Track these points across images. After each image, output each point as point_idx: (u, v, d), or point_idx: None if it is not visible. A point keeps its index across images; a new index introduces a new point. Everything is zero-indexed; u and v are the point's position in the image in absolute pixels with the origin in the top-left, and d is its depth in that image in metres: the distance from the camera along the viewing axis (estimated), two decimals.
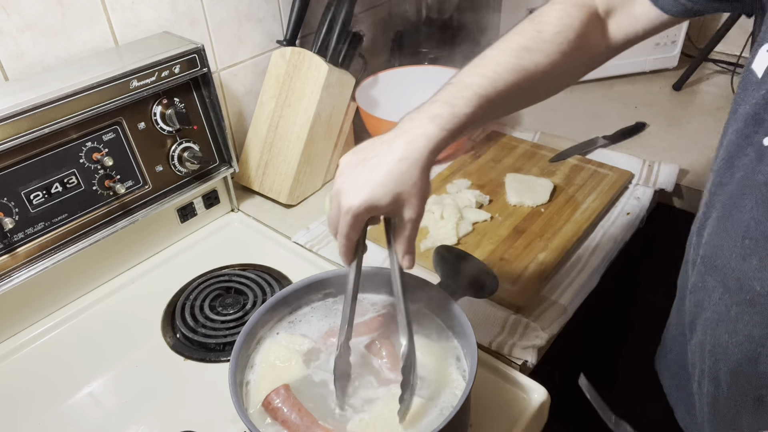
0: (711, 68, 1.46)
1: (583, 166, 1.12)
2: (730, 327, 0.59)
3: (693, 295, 0.66)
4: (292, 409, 0.59)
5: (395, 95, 1.23)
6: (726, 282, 0.58)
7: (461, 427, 0.62)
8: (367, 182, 0.55)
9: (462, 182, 1.10)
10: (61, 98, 0.78)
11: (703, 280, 0.63)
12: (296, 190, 1.10)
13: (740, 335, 0.58)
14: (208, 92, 0.96)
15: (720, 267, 0.59)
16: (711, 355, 0.62)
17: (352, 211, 0.56)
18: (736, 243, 0.56)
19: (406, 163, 0.55)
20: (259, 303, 0.88)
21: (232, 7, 1.08)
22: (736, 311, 0.58)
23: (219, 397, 0.72)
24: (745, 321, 0.57)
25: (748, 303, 0.56)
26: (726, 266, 0.58)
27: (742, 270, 0.56)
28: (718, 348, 0.61)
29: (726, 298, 0.59)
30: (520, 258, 0.92)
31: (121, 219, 0.91)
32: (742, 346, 0.58)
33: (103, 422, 0.74)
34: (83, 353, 0.84)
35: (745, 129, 0.54)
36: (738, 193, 0.56)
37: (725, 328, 0.60)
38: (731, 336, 0.59)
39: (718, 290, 0.60)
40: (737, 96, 0.57)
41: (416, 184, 0.56)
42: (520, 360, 0.78)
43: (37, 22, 0.85)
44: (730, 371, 0.61)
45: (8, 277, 0.81)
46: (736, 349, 0.59)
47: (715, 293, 0.60)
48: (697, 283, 0.64)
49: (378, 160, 0.56)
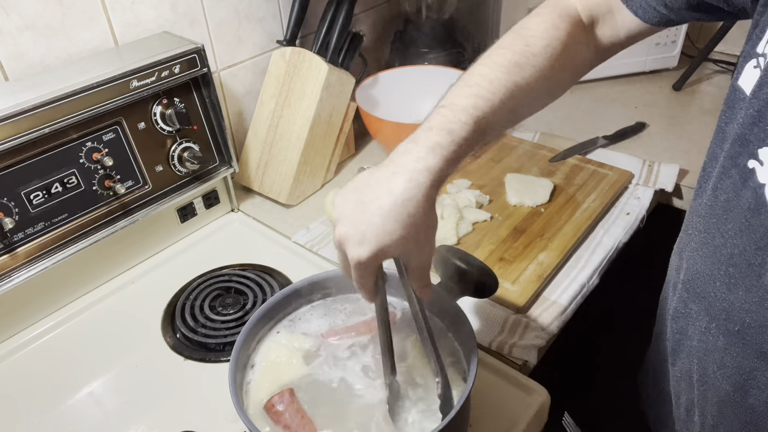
0: (711, 68, 1.46)
1: (583, 166, 1.12)
2: (718, 358, 0.56)
3: (675, 321, 0.63)
4: (295, 415, 0.59)
5: (395, 95, 1.23)
6: (711, 311, 0.56)
7: (461, 427, 0.62)
8: (372, 230, 0.51)
9: (462, 182, 1.10)
10: (61, 98, 0.78)
11: (686, 307, 0.60)
12: (296, 190, 1.10)
13: (729, 367, 0.55)
14: (208, 92, 0.96)
15: (704, 295, 0.56)
16: (700, 385, 0.60)
17: (363, 263, 0.53)
18: (720, 271, 0.53)
19: (410, 205, 0.51)
20: (259, 303, 0.88)
21: (232, 7, 1.08)
22: (724, 342, 0.55)
23: (219, 397, 0.72)
24: (733, 353, 0.54)
25: (737, 334, 0.53)
26: (711, 295, 0.55)
27: (728, 300, 0.53)
28: (705, 378, 0.59)
29: (713, 328, 0.56)
30: (520, 258, 0.92)
31: (121, 219, 0.91)
32: (731, 378, 0.55)
33: (103, 422, 0.74)
34: (83, 353, 0.84)
35: (731, 149, 0.52)
36: (721, 217, 0.53)
37: (713, 358, 0.57)
38: (719, 367, 0.57)
39: (704, 319, 0.57)
40: (723, 113, 0.55)
41: (424, 223, 0.53)
42: (520, 360, 0.78)
43: (37, 22, 0.85)
44: (718, 403, 0.58)
45: (8, 277, 0.81)
46: (725, 381, 0.56)
47: (700, 322, 0.58)
48: (680, 309, 0.62)
49: (379, 204, 0.52)
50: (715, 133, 0.56)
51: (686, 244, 0.60)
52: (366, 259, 0.52)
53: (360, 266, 0.53)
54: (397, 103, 1.23)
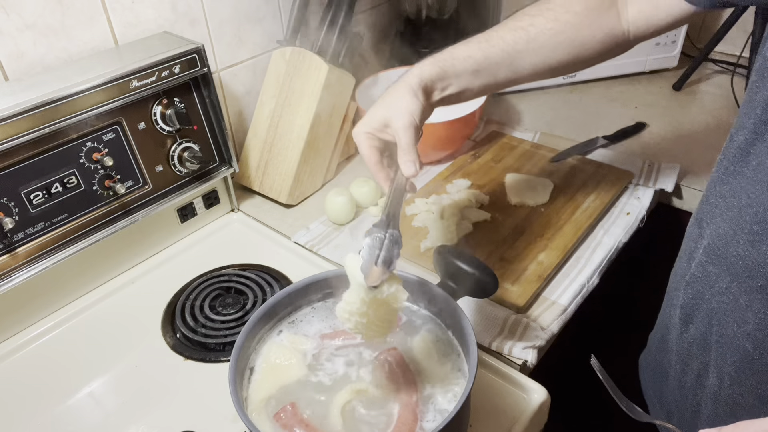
0: (711, 68, 1.46)
1: (583, 166, 1.12)
2: (739, 316, 0.59)
3: (691, 287, 0.65)
4: (299, 425, 0.59)
5: None
6: (733, 270, 0.58)
7: (461, 427, 0.63)
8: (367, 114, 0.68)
9: (462, 182, 1.10)
10: (61, 98, 0.78)
11: (705, 270, 0.62)
12: (296, 190, 1.10)
13: (750, 324, 0.58)
14: (208, 92, 0.96)
15: (726, 256, 0.59)
16: (719, 347, 0.62)
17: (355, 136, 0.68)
18: (744, 230, 0.56)
19: (394, 90, 0.67)
20: (259, 303, 0.88)
21: (232, 7, 1.08)
22: (746, 300, 0.58)
23: (219, 397, 0.72)
24: (755, 309, 0.57)
25: (760, 290, 0.56)
26: (733, 255, 0.58)
27: (751, 257, 0.56)
28: (725, 339, 0.61)
29: (734, 287, 0.58)
30: (520, 258, 0.92)
31: (121, 219, 0.91)
32: (751, 336, 0.58)
33: (103, 422, 0.74)
34: (83, 353, 0.84)
35: (763, 116, 0.54)
36: (751, 179, 0.56)
37: (733, 317, 0.59)
38: (740, 325, 0.59)
39: (724, 279, 0.60)
40: (754, 83, 0.58)
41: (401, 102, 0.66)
42: (520, 360, 0.77)
43: (37, 22, 0.85)
44: (735, 363, 0.60)
45: (8, 277, 0.81)
46: (745, 339, 0.58)
47: (720, 282, 0.60)
48: (697, 274, 0.64)
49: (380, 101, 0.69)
50: (743, 105, 0.59)
51: (707, 212, 0.63)
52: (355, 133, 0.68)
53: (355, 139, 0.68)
54: None
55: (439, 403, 0.61)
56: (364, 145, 0.67)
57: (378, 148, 0.68)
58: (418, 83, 0.68)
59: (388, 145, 0.68)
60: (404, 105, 0.66)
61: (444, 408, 0.60)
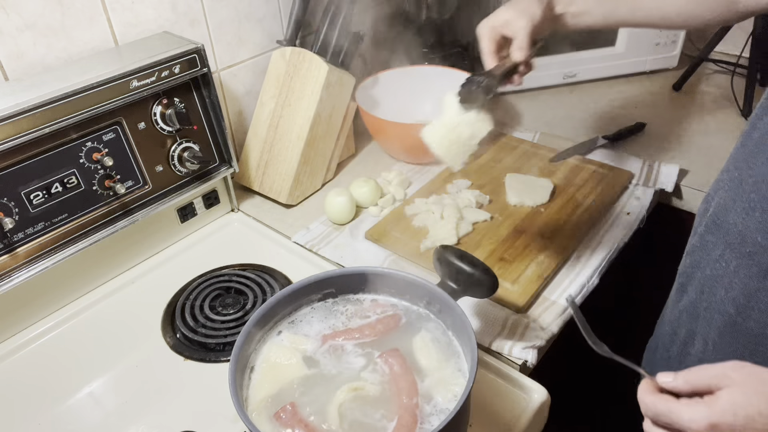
0: (711, 68, 1.46)
1: (583, 166, 1.12)
2: (727, 281, 0.62)
3: (689, 256, 0.69)
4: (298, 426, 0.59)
5: (395, 95, 1.23)
6: (728, 238, 0.62)
7: (461, 427, 0.62)
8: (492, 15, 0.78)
9: (462, 182, 1.10)
10: (61, 98, 0.78)
11: (703, 240, 0.67)
12: (296, 190, 1.10)
13: (736, 290, 0.61)
14: (208, 92, 0.96)
15: (723, 224, 0.63)
16: (706, 313, 0.65)
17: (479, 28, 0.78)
18: (742, 198, 0.60)
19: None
20: (259, 303, 0.88)
21: (232, 7, 1.08)
22: (735, 265, 0.61)
23: (219, 397, 0.72)
24: (741, 275, 0.60)
25: (748, 255, 0.60)
26: (729, 223, 0.62)
27: (744, 224, 0.60)
28: (713, 305, 0.64)
29: (727, 254, 0.63)
30: (520, 258, 0.92)
31: (121, 219, 0.91)
32: (735, 301, 0.61)
33: (103, 422, 0.74)
34: (83, 353, 0.84)
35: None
36: (753, 151, 0.59)
37: (722, 283, 0.63)
38: (727, 291, 0.62)
39: (719, 247, 0.64)
40: None
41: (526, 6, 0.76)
42: (520, 360, 0.77)
43: (37, 22, 0.85)
44: (719, 328, 0.63)
45: (8, 277, 0.81)
46: (730, 305, 0.62)
47: (716, 250, 0.64)
48: (696, 243, 0.68)
49: None
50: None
51: (717, 188, 0.67)
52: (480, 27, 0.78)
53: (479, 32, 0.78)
54: (397, 103, 1.23)
55: (439, 403, 0.61)
56: (486, 36, 0.79)
57: (496, 41, 0.79)
58: None
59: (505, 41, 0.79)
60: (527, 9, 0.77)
61: (444, 408, 0.60)
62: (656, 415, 0.50)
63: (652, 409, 0.50)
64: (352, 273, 0.73)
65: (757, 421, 0.45)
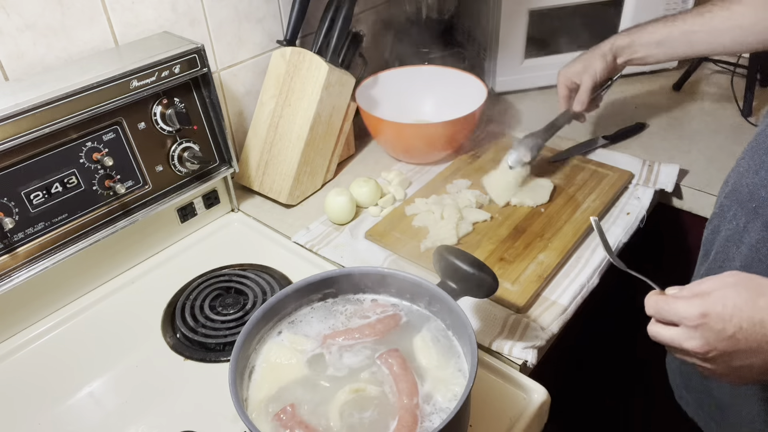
0: (711, 68, 1.46)
1: (583, 166, 1.12)
2: (737, 239, 0.69)
3: (711, 223, 0.77)
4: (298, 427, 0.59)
5: (395, 95, 1.23)
6: (740, 198, 0.69)
7: (461, 427, 0.62)
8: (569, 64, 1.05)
9: (462, 182, 1.10)
10: (61, 98, 0.78)
11: (721, 206, 0.74)
12: (296, 190, 1.10)
13: (744, 245, 0.68)
14: (208, 92, 0.96)
15: (738, 187, 0.70)
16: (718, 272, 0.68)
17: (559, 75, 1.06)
18: (754, 161, 0.67)
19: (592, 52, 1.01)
20: (259, 303, 0.88)
21: (232, 7, 1.08)
22: (744, 221, 0.68)
23: (219, 397, 0.72)
24: (750, 230, 0.67)
25: (754, 211, 0.66)
26: (742, 185, 0.69)
27: (753, 183, 0.67)
28: (725, 265, 0.70)
29: (738, 212, 0.69)
30: (520, 258, 0.92)
31: (121, 219, 0.91)
32: (742, 255, 0.68)
33: (103, 422, 0.74)
34: (83, 353, 0.84)
35: None
36: None
37: (733, 241, 0.70)
38: (737, 247, 0.69)
39: (733, 208, 0.70)
40: None
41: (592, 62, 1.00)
42: (520, 360, 0.77)
43: (37, 22, 0.85)
44: None
45: (8, 277, 0.81)
46: (738, 260, 0.67)
47: (730, 211, 0.71)
48: (715, 211, 0.76)
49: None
50: None
51: (738, 162, 0.74)
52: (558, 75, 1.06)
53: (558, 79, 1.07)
54: (397, 103, 1.23)
55: (439, 403, 0.61)
56: (562, 83, 1.06)
57: (569, 87, 1.05)
58: (609, 49, 0.99)
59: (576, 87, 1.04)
60: (591, 65, 1.00)
61: (444, 408, 0.60)
62: (658, 312, 0.57)
63: (653, 307, 0.57)
64: (352, 273, 0.73)
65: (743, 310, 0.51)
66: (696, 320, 0.52)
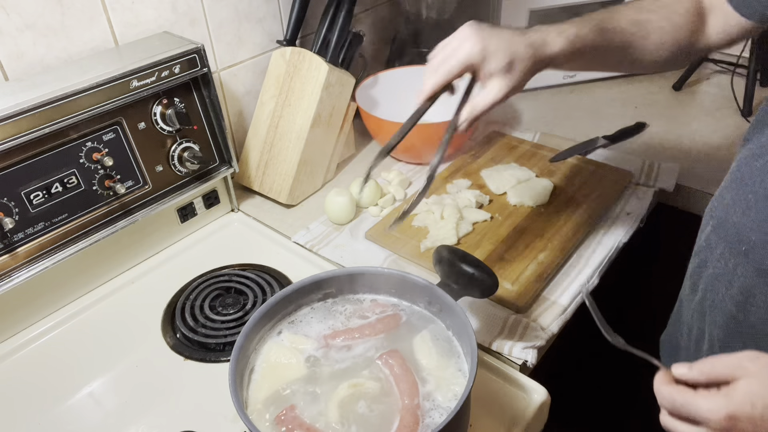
0: (711, 68, 1.46)
1: (583, 166, 1.12)
2: (727, 280, 0.64)
3: (697, 256, 0.72)
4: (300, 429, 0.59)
5: (395, 95, 1.23)
6: (727, 237, 0.64)
7: (461, 427, 0.62)
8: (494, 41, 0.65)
9: (462, 182, 1.10)
10: (61, 98, 0.78)
11: (708, 239, 0.69)
12: (296, 190, 1.10)
13: (734, 287, 0.63)
14: (208, 92, 0.96)
15: (724, 223, 0.65)
16: (711, 311, 0.66)
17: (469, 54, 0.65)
18: (741, 198, 0.62)
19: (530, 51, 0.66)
20: (259, 303, 0.88)
21: (232, 7, 1.08)
22: (733, 263, 0.63)
23: (219, 397, 0.72)
24: (739, 273, 0.62)
25: (744, 254, 0.61)
26: (729, 222, 0.64)
27: (741, 223, 0.62)
28: (716, 303, 0.66)
29: (726, 253, 0.64)
30: (520, 258, 0.92)
31: (121, 219, 0.91)
32: (734, 299, 0.63)
33: (103, 422, 0.74)
34: (83, 353, 0.84)
35: None
36: (756, 154, 0.61)
37: (723, 281, 0.64)
38: (727, 289, 0.64)
39: (720, 246, 0.66)
40: None
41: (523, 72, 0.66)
42: (520, 360, 0.77)
43: (37, 22, 0.85)
44: (722, 327, 0.64)
45: (8, 277, 0.81)
46: (730, 302, 0.63)
47: (717, 249, 0.66)
48: (702, 243, 0.70)
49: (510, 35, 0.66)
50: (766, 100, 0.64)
51: (722, 190, 0.69)
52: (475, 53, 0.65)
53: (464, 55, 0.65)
54: (397, 103, 1.23)
55: (439, 403, 0.61)
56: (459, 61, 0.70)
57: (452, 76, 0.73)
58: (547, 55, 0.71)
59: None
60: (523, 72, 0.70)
61: (444, 408, 0.60)
62: (673, 406, 0.49)
63: (669, 400, 0.50)
64: (352, 273, 0.73)
65: None
66: (722, 423, 0.46)
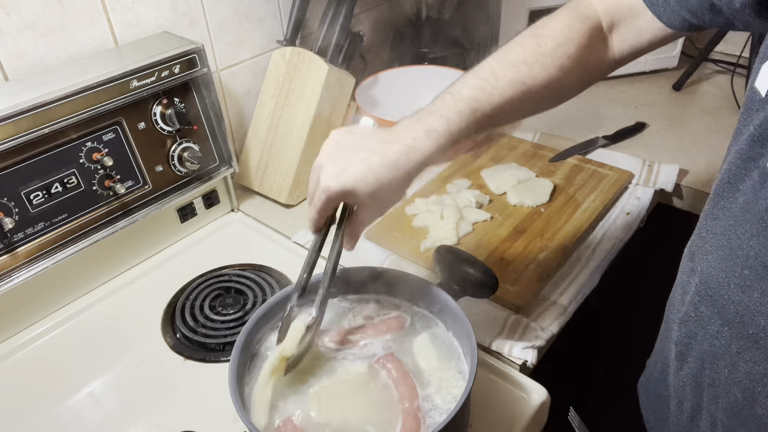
0: (711, 68, 1.46)
1: (583, 166, 1.12)
2: (730, 362, 0.56)
3: (684, 325, 0.63)
4: None
5: (395, 95, 1.23)
6: (725, 315, 0.56)
7: (461, 427, 0.62)
8: (352, 173, 0.58)
9: (462, 182, 1.10)
10: (61, 98, 0.78)
11: (697, 310, 0.60)
12: (296, 190, 1.10)
13: (741, 372, 0.55)
14: (208, 92, 0.96)
15: (716, 298, 0.56)
16: (710, 390, 0.60)
17: (328, 193, 0.59)
18: (734, 273, 0.54)
19: (393, 172, 0.58)
20: (259, 303, 0.88)
21: (232, 7, 1.08)
22: (737, 346, 0.55)
23: (219, 397, 0.72)
24: (746, 358, 0.54)
25: (751, 338, 0.53)
26: (724, 298, 0.55)
27: (743, 303, 0.53)
28: (717, 383, 0.59)
29: (725, 332, 0.56)
30: (520, 258, 0.92)
31: (121, 219, 0.91)
32: (741, 384, 0.56)
33: (103, 422, 0.74)
34: (83, 353, 0.84)
35: (750, 151, 0.51)
36: (739, 218, 0.53)
37: (725, 363, 0.57)
38: (731, 372, 0.56)
39: (716, 322, 0.57)
40: (741, 116, 0.54)
41: (394, 192, 0.60)
42: (520, 360, 0.77)
43: (37, 22, 0.85)
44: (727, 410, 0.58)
45: (8, 277, 0.81)
46: (735, 387, 0.56)
47: (712, 325, 0.58)
48: (689, 313, 0.62)
49: (368, 155, 0.58)
50: (734, 136, 0.56)
51: (699, 247, 0.60)
52: (334, 192, 0.59)
53: (324, 195, 0.59)
54: (397, 103, 1.23)
55: (439, 404, 0.61)
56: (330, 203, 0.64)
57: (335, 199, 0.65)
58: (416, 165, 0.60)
59: None
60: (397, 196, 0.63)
61: (444, 408, 0.60)
62: None
63: None
64: (352, 273, 0.73)
65: None
66: None
